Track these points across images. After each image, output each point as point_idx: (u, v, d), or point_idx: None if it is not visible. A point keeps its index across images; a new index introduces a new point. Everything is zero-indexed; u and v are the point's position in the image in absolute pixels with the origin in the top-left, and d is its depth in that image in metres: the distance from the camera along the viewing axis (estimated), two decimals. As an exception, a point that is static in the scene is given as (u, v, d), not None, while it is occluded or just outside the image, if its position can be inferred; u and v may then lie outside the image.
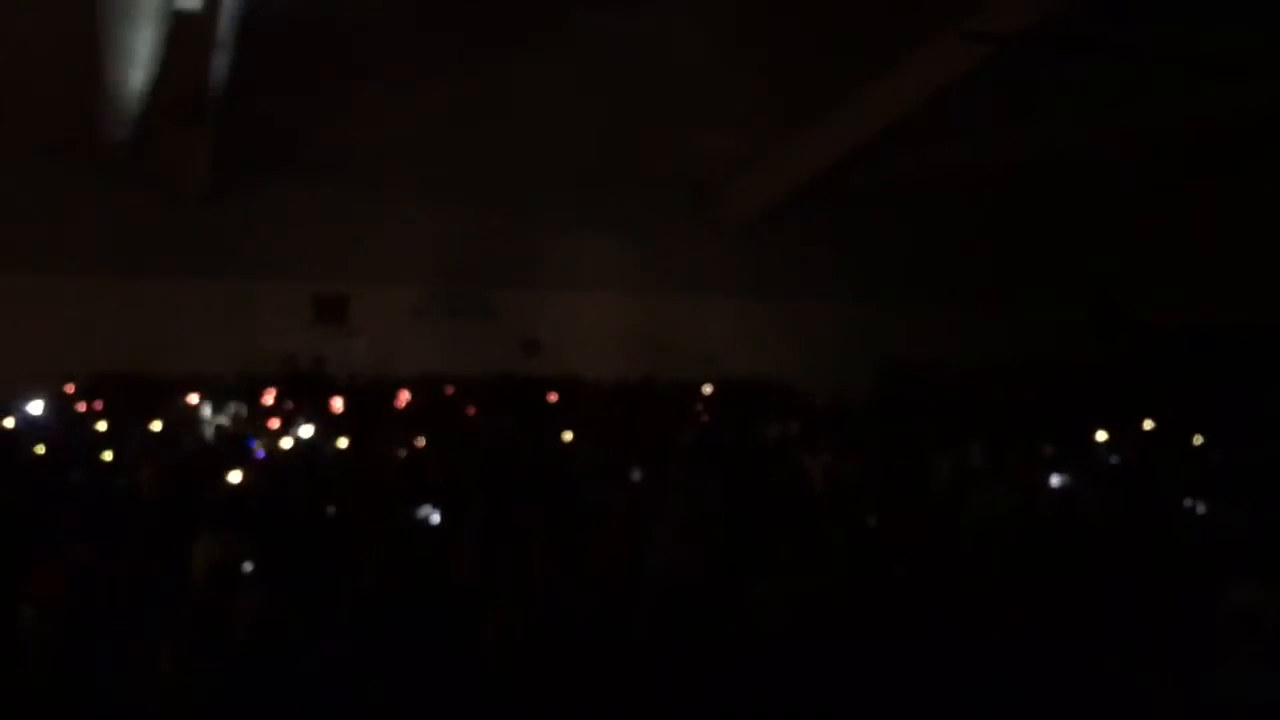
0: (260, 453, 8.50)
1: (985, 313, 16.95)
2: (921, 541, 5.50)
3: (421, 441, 9.42)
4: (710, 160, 15.48)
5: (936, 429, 10.83)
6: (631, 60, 12.58)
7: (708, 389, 15.21)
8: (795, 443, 10.53)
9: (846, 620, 4.59)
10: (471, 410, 12.60)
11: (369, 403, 12.58)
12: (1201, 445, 10.43)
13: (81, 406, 11.92)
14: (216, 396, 12.06)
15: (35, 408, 10.70)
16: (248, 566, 4.49)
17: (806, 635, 4.42)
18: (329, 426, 10.27)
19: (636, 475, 8.16)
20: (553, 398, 13.74)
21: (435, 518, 5.82)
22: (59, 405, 11.64)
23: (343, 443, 9.16)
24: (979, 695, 4.10)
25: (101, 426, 10.10)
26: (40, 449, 8.64)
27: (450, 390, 13.91)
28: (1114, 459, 9.88)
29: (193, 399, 11.99)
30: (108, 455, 8.24)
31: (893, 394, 15.33)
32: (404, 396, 12.97)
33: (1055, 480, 7.97)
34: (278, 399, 12.30)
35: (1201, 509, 7.01)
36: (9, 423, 10.26)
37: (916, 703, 4.05)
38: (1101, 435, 10.51)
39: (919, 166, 15.28)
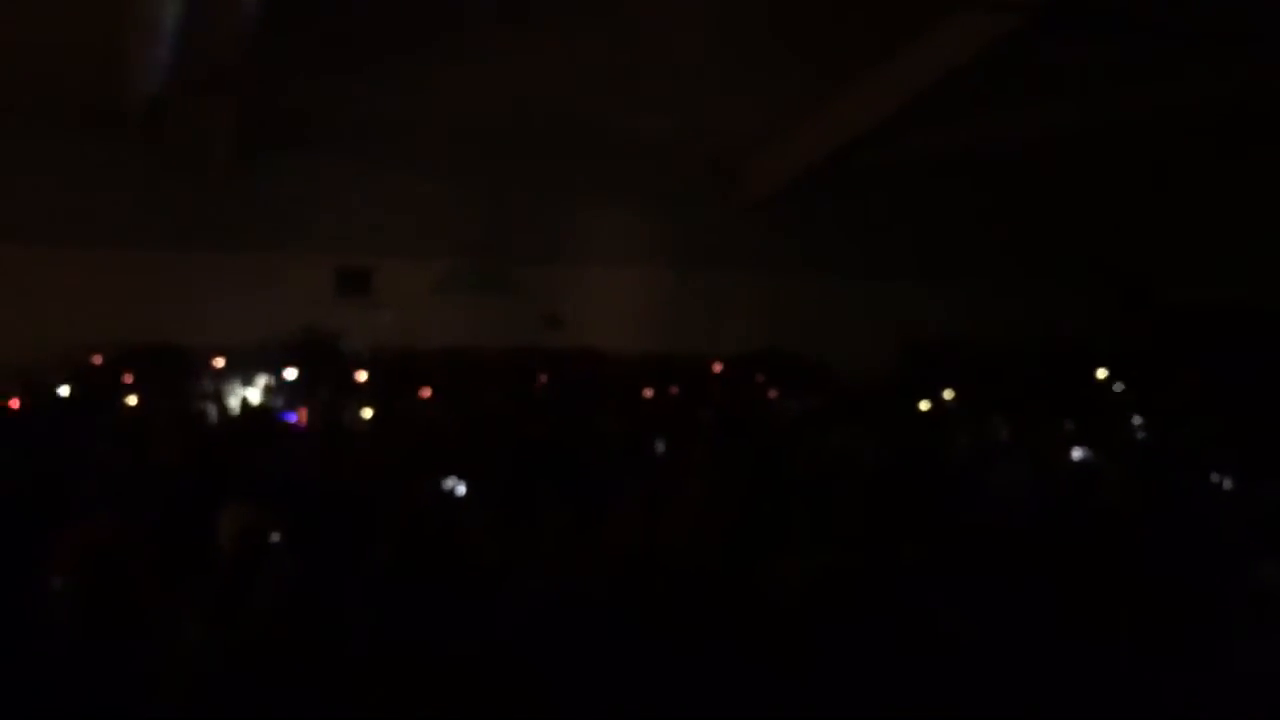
0: (292, 416, 8.57)
1: (1008, 289, 16.85)
2: (942, 518, 5.50)
3: (444, 414, 9.47)
4: (731, 136, 15.40)
5: (959, 405, 10.82)
6: (653, 35, 12.52)
7: (727, 365, 15.20)
8: (816, 419, 10.52)
9: (865, 597, 4.59)
10: (493, 384, 12.63)
11: (392, 375, 12.64)
12: (1228, 422, 10.38)
13: (108, 378, 12.02)
14: (242, 369, 12.14)
15: (63, 380, 10.80)
16: (274, 537, 4.53)
17: (824, 612, 4.43)
18: (352, 399, 10.33)
19: (659, 447, 8.18)
20: (574, 372, 13.77)
21: (460, 489, 5.85)
22: (86, 377, 11.75)
23: (366, 414, 9.21)
24: (995, 673, 4.10)
25: (128, 398, 10.19)
26: (68, 420, 8.72)
27: (472, 364, 13.95)
28: (1140, 435, 9.85)
29: (218, 371, 12.07)
30: (135, 426, 8.31)
31: (915, 370, 15.29)
32: (427, 369, 13.02)
33: (1078, 455, 7.95)
34: (301, 371, 12.37)
35: (1229, 485, 6.99)
36: (37, 394, 10.36)
37: (933, 680, 4.05)
38: (1127, 411, 10.48)
39: (941, 142, 15.17)
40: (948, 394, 12.20)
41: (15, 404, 10.44)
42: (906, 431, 9.10)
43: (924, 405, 11.01)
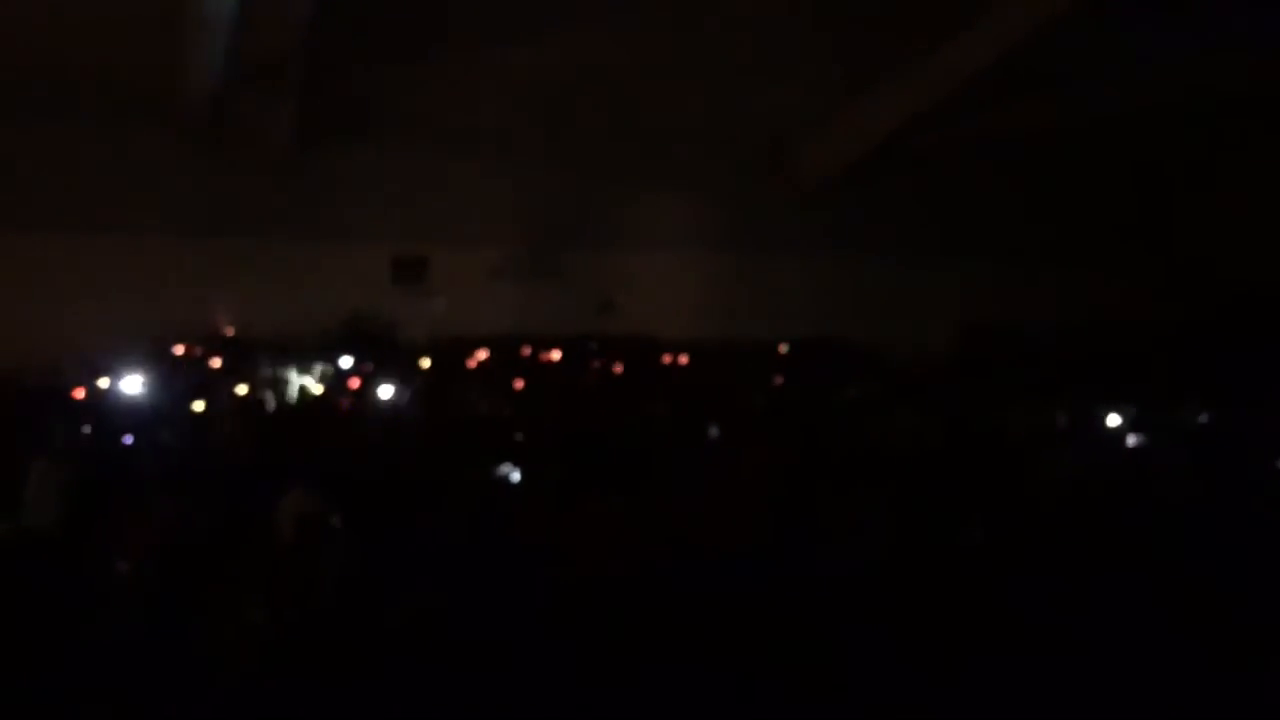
0: (352, 410, 8.67)
1: (1067, 271, 16.62)
2: (1000, 504, 5.46)
3: (499, 401, 9.53)
4: (786, 119, 15.32)
5: (1017, 389, 10.70)
6: (706, 19, 12.49)
7: (783, 349, 15.14)
8: (873, 403, 10.46)
9: (919, 583, 4.57)
10: (548, 371, 12.69)
11: (448, 363, 12.73)
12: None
13: (171, 366, 12.21)
14: (300, 357, 12.28)
15: (127, 367, 10.98)
16: (334, 522, 4.59)
17: (874, 597, 4.42)
18: (409, 387, 10.42)
19: (713, 432, 8.18)
20: (627, 358, 13.79)
21: (515, 475, 5.89)
22: (150, 364, 11.94)
23: (423, 402, 9.29)
24: (1052, 660, 4.06)
25: (191, 386, 10.36)
26: (134, 408, 8.88)
27: (527, 351, 14.02)
28: (1202, 419, 9.68)
29: (277, 359, 12.22)
30: (198, 414, 8.45)
31: (972, 354, 15.14)
32: (481, 357, 13.10)
33: (1137, 440, 7.84)
34: (358, 359, 12.50)
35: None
36: (102, 383, 10.55)
37: (979, 668, 4.02)
38: (1187, 396, 10.31)
39: (997, 123, 14.98)
40: (1005, 378, 12.06)
41: (82, 392, 10.66)
42: (964, 416, 9.01)
43: (981, 390, 10.89)
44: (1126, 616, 4.28)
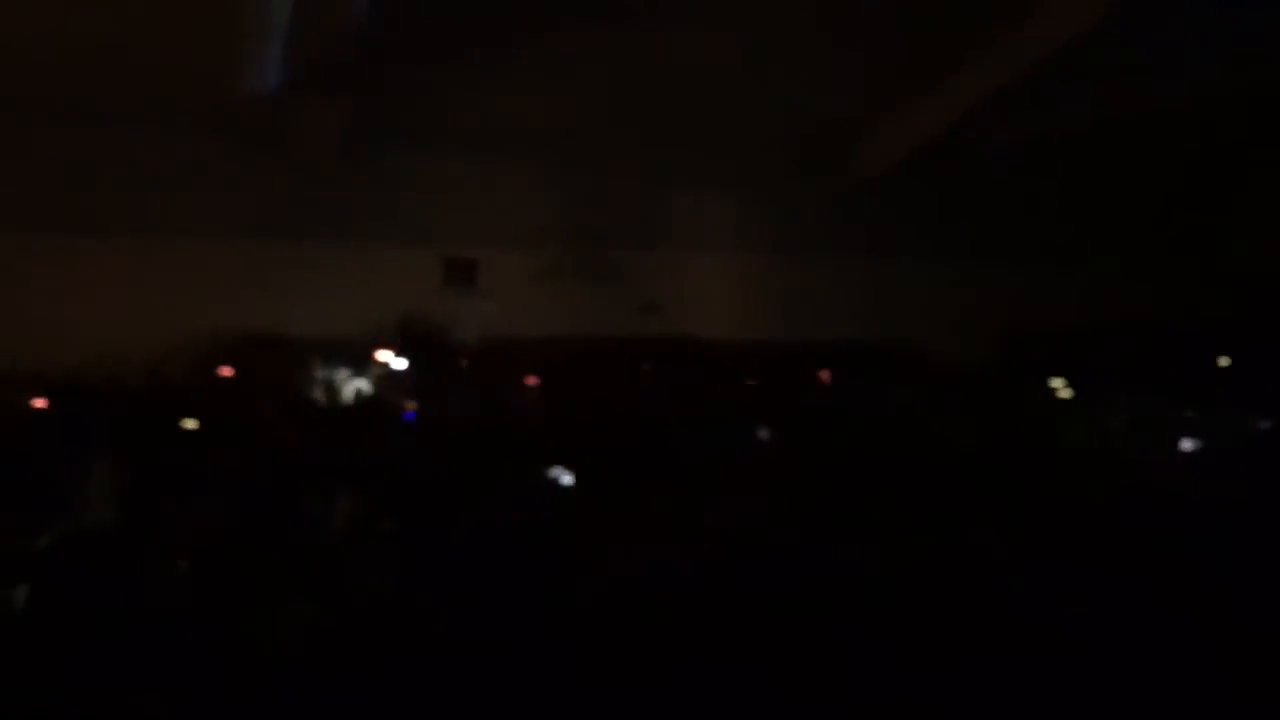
0: (412, 415, 8.74)
1: (1115, 271, 16.43)
2: (1048, 509, 5.41)
3: (547, 403, 9.57)
4: (831, 119, 15.27)
5: (1066, 392, 10.59)
6: (751, 18, 12.46)
7: (828, 350, 15.08)
8: (919, 405, 10.40)
9: (960, 589, 4.54)
10: (596, 373, 12.72)
11: (497, 365, 12.80)
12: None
13: (223, 368, 12.38)
14: (352, 359, 12.40)
15: (179, 368, 11.15)
16: (384, 525, 4.65)
17: (921, 602, 4.40)
18: (459, 388, 10.49)
19: (763, 434, 8.18)
20: (674, 360, 13.80)
21: (567, 479, 5.91)
22: (201, 366, 12.12)
23: (473, 404, 9.35)
24: (1091, 672, 4.03)
25: (242, 387, 10.49)
26: (186, 408, 9.01)
27: (575, 353, 14.06)
28: (1264, 424, 9.51)
29: (328, 361, 12.35)
30: (249, 415, 8.56)
31: (1020, 356, 15.00)
32: (531, 359, 13.15)
33: (1193, 444, 7.73)
34: (408, 361, 12.60)
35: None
36: (156, 383, 10.71)
37: (1020, 678, 3.99)
38: (1241, 398, 10.15)
39: (1046, 122, 14.84)
40: (1054, 381, 11.94)
41: (136, 392, 10.83)
42: (1011, 420, 8.93)
43: (1029, 393, 10.80)
44: (1177, 632, 4.23)
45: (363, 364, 12.30)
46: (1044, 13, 12.42)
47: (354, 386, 11.22)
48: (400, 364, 12.55)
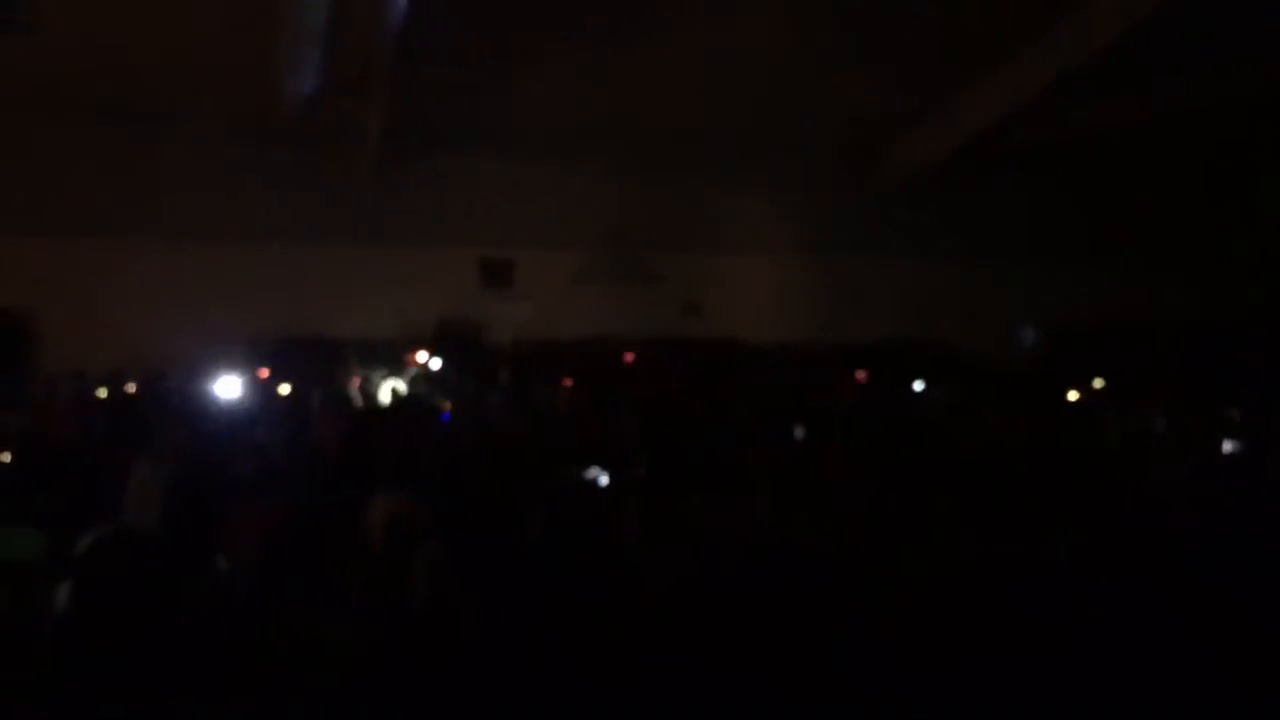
0: (448, 416, 8.78)
1: (1156, 269, 16.26)
2: (1092, 511, 5.35)
3: (586, 404, 9.58)
4: (871, 120, 15.21)
5: (1108, 391, 10.50)
6: (791, 22, 12.43)
7: (868, 351, 15.02)
8: (959, 406, 10.34)
9: (1003, 592, 4.50)
10: (634, 373, 12.74)
11: (534, 366, 12.85)
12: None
13: (264, 370, 12.50)
14: (389, 360, 12.49)
15: (221, 370, 11.27)
16: (423, 524, 4.66)
17: (965, 604, 4.36)
18: (497, 388, 10.54)
19: (799, 434, 8.16)
20: (713, 360, 13.79)
21: (603, 479, 5.91)
22: (244, 368, 12.24)
23: (509, 404, 9.39)
24: (1135, 681, 3.97)
25: (283, 389, 10.58)
26: (228, 410, 9.09)
27: (613, 353, 14.09)
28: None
29: (368, 362, 12.45)
30: (291, 416, 8.63)
31: (1061, 355, 14.88)
32: (568, 360, 13.20)
33: (1236, 446, 7.62)
34: (447, 361, 12.67)
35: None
36: (200, 383, 10.83)
37: (1069, 684, 3.95)
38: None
39: (1084, 121, 14.71)
40: (1096, 380, 11.84)
41: (181, 392, 10.96)
42: (1053, 419, 8.86)
43: (1071, 392, 10.71)
44: (1228, 634, 4.16)
45: (402, 365, 12.40)
46: (1083, 12, 12.32)
47: (393, 387, 11.30)
48: (438, 365, 12.63)
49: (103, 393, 10.81)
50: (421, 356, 13.20)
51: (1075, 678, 3.91)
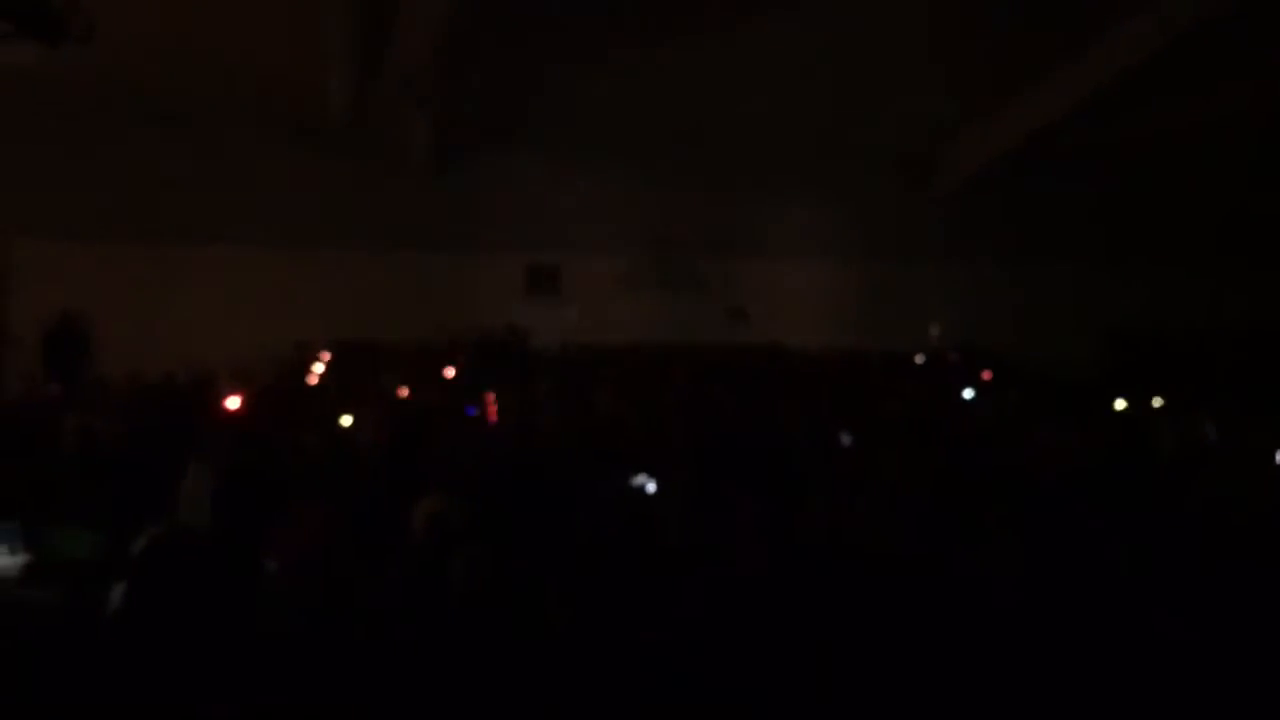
0: (472, 410, 8.79)
1: (1213, 276, 16.01)
2: (1149, 519, 5.26)
3: (632, 409, 9.56)
4: (920, 125, 15.09)
5: (1166, 399, 10.32)
6: (840, 28, 12.37)
7: (919, 358, 14.90)
8: (1013, 413, 10.20)
9: (1062, 601, 4.42)
10: (679, 379, 12.70)
11: (580, 370, 12.84)
12: None
13: (313, 372, 12.59)
14: (437, 363, 12.53)
15: (271, 372, 11.37)
16: (463, 525, 4.65)
17: (1019, 613, 4.30)
18: (543, 393, 10.54)
19: (846, 440, 8.08)
20: (760, 366, 13.72)
21: (650, 486, 5.87)
22: (292, 370, 12.34)
23: (554, 409, 9.38)
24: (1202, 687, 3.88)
25: (332, 392, 10.64)
26: (278, 411, 9.15)
27: (658, 359, 14.06)
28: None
29: (415, 366, 12.50)
30: (339, 419, 8.67)
31: (1118, 362, 14.66)
32: (614, 364, 13.18)
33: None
34: (493, 366, 12.70)
35: None
36: (249, 387, 10.91)
37: (1134, 689, 3.87)
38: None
39: (1138, 124, 14.49)
40: (1154, 388, 11.64)
41: (229, 396, 11.06)
42: (1110, 427, 8.72)
43: (1127, 399, 10.53)
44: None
45: (448, 369, 12.43)
46: (1129, 24, 12.14)
47: (439, 390, 11.32)
48: (484, 369, 12.67)
49: (155, 395, 10.93)
50: (468, 361, 13.26)
51: (1132, 686, 3.84)
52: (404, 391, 11.09)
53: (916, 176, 16.23)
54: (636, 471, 6.00)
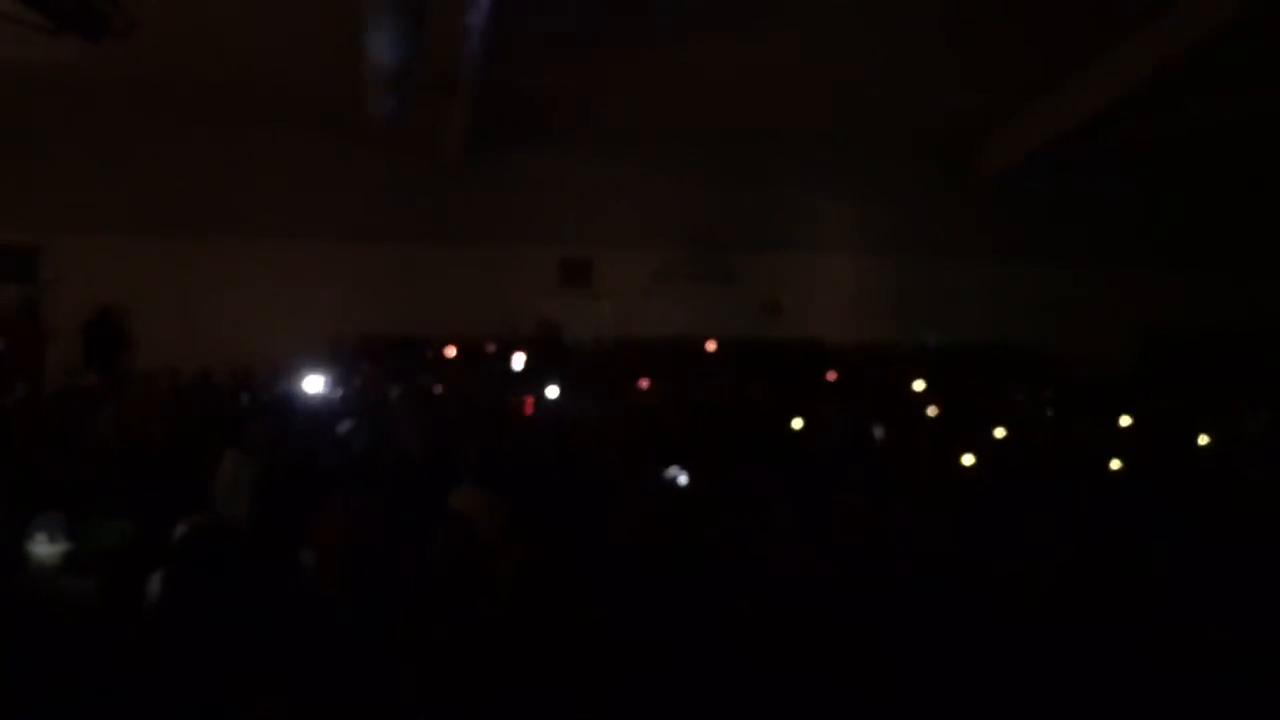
0: (523, 409, 8.79)
1: (1253, 277, 15.80)
2: (1192, 517, 5.21)
3: (665, 403, 9.55)
4: (955, 119, 14.97)
5: (1205, 399, 10.22)
6: (874, 20, 12.27)
7: (952, 354, 14.80)
8: (1051, 411, 10.14)
9: (1102, 597, 4.38)
10: (714, 373, 12.69)
11: (614, 364, 12.84)
12: None
13: (350, 367, 12.65)
14: (471, 358, 12.57)
15: (310, 365, 11.41)
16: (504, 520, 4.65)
17: (1058, 610, 4.26)
18: (578, 388, 10.55)
19: (879, 433, 8.06)
20: (794, 361, 13.68)
21: (683, 479, 5.87)
22: (331, 366, 12.40)
23: (592, 404, 9.38)
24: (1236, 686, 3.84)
25: (369, 386, 10.70)
26: (317, 404, 9.20)
27: (693, 353, 14.04)
28: None
29: (450, 360, 12.54)
30: (377, 411, 8.70)
31: (1157, 362, 14.51)
32: (648, 359, 13.18)
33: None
34: (527, 360, 12.72)
35: None
36: (288, 379, 10.99)
37: (1170, 684, 3.83)
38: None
39: (1176, 121, 14.30)
40: (1193, 387, 11.53)
41: (269, 388, 11.14)
42: (1150, 426, 8.64)
43: (1168, 399, 10.43)
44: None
45: (481, 364, 12.47)
46: (1172, 15, 11.94)
47: (473, 385, 11.35)
48: (519, 362, 12.69)
49: (193, 389, 11.02)
50: (503, 354, 13.29)
51: (1173, 682, 3.80)
52: (441, 386, 11.13)
53: (957, 171, 16.11)
54: (669, 465, 6.00)
